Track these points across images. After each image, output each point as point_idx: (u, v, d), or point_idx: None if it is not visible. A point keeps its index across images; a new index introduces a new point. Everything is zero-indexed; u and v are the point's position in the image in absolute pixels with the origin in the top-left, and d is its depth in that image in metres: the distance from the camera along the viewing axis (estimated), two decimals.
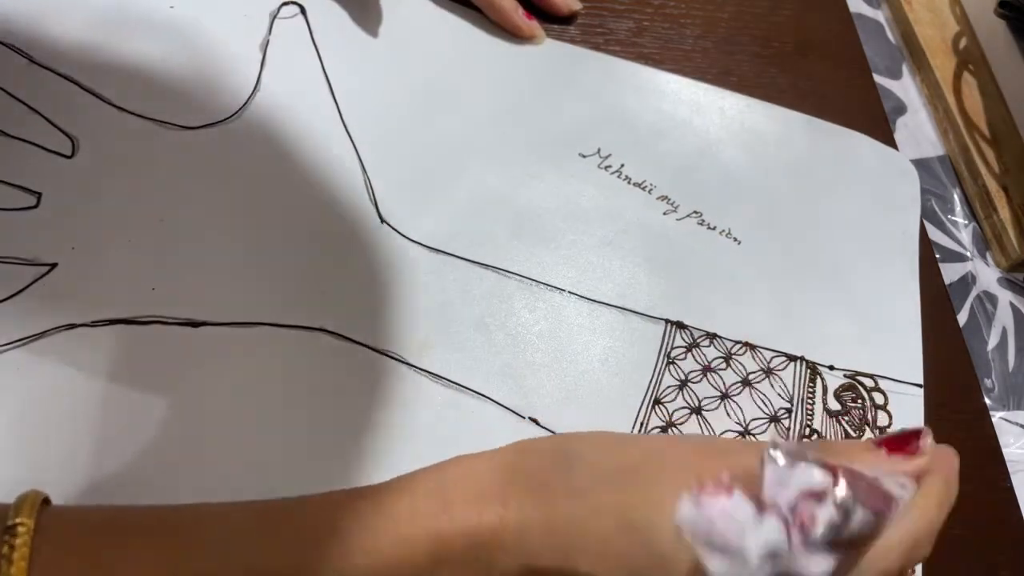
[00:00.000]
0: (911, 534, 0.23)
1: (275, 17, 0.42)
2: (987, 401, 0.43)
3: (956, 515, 0.38)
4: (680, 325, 0.38)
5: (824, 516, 0.20)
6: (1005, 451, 0.42)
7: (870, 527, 0.21)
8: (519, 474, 0.24)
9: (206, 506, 0.23)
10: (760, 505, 0.20)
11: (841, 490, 0.21)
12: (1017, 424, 0.44)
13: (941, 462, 0.25)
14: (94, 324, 0.32)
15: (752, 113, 0.47)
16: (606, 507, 0.22)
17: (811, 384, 0.38)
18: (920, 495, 0.23)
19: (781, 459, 0.21)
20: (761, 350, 0.39)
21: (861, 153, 0.47)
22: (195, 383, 0.32)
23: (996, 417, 0.43)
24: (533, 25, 0.45)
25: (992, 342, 0.47)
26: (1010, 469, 0.41)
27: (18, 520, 0.20)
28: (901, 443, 0.24)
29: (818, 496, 0.20)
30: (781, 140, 0.46)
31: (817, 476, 0.21)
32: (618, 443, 0.25)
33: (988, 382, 0.45)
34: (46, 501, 0.22)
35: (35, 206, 0.34)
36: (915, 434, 0.24)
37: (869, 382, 0.39)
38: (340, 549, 0.21)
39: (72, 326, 0.31)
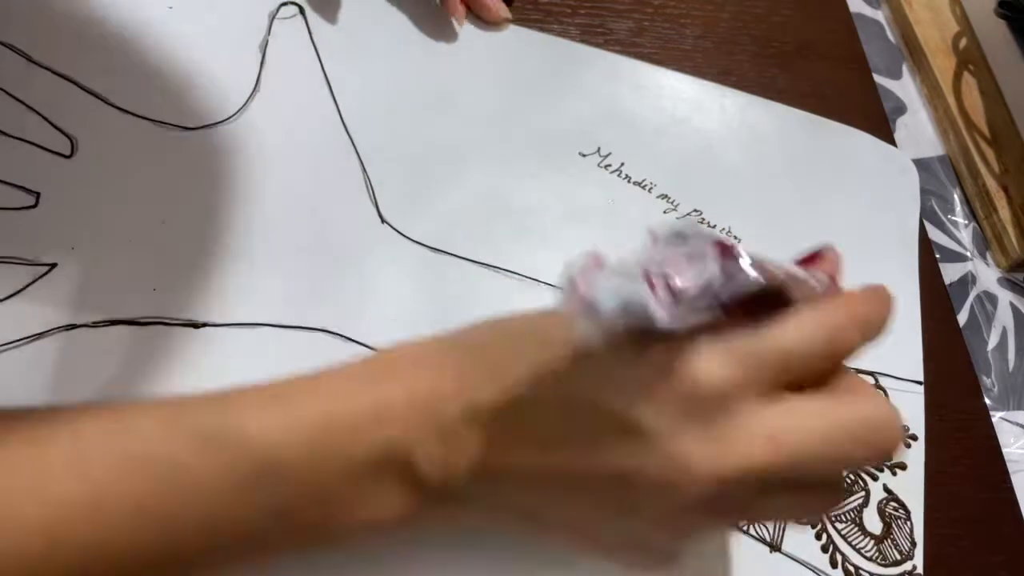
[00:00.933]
0: (827, 316, 0.22)
1: (274, 17, 0.42)
2: (987, 401, 0.43)
3: (956, 515, 0.39)
4: None
5: (700, 274, 0.19)
6: (1005, 451, 0.42)
7: (753, 287, 0.20)
8: (453, 343, 0.25)
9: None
10: (629, 276, 0.19)
11: (732, 255, 0.19)
12: (1017, 424, 0.44)
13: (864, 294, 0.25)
14: (94, 325, 0.31)
15: (752, 110, 0.47)
16: (538, 349, 0.23)
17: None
18: (846, 293, 0.23)
19: (668, 240, 0.21)
20: None
21: (861, 150, 0.47)
22: (196, 384, 0.31)
23: (996, 417, 0.43)
24: (461, 10, 0.43)
25: (992, 342, 0.47)
26: (1010, 469, 0.41)
27: None
28: (811, 258, 0.24)
29: (700, 261, 0.19)
30: (781, 137, 0.46)
31: (703, 246, 0.20)
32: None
33: (988, 382, 0.45)
34: None
35: (34, 206, 0.34)
36: (819, 254, 0.24)
37: (869, 380, 0.39)
38: (285, 409, 0.22)
39: (72, 326, 0.31)
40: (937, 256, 0.47)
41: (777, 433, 0.20)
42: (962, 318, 0.46)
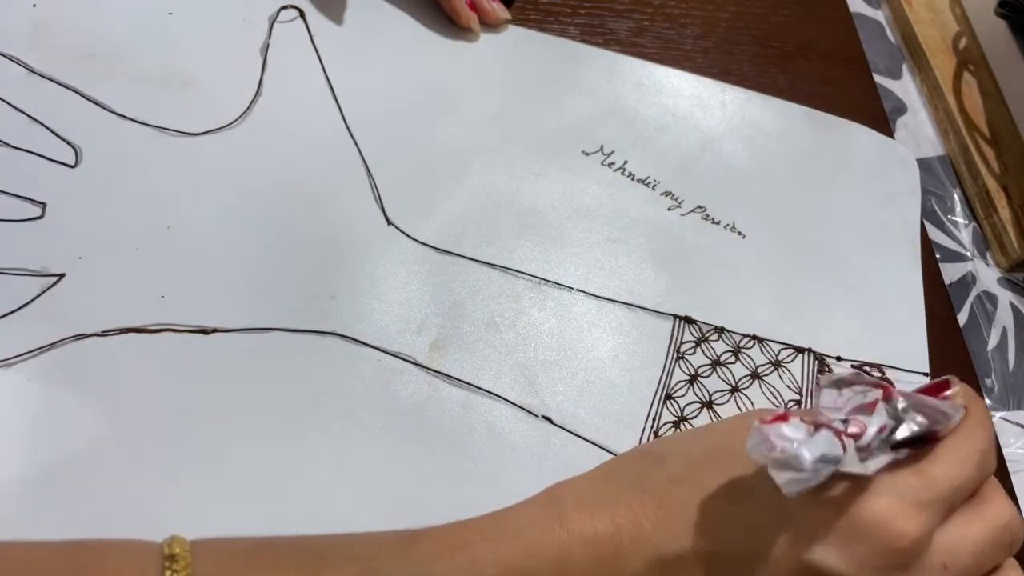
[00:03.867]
0: (973, 442, 0.23)
1: (274, 21, 0.42)
2: (987, 401, 0.44)
3: None
4: (688, 320, 0.38)
5: (875, 422, 0.21)
6: (1005, 451, 0.42)
7: (922, 429, 0.22)
8: (619, 481, 0.25)
9: (342, 535, 0.24)
10: (815, 425, 0.21)
11: (891, 398, 0.22)
12: (1017, 424, 0.44)
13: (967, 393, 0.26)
14: (104, 334, 0.31)
15: (753, 106, 0.47)
16: (708, 482, 0.24)
17: (819, 375, 0.39)
18: (968, 416, 0.24)
19: (832, 386, 0.23)
20: (769, 343, 0.39)
21: (861, 144, 0.48)
22: (207, 390, 0.31)
23: (996, 417, 0.44)
24: (472, 16, 0.44)
25: (992, 342, 0.47)
26: (1010, 469, 0.41)
27: (176, 549, 0.22)
28: (936, 388, 0.25)
29: (869, 409, 0.22)
30: (782, 133, 0.46)
31: (867, 394, 0.22)
32: (697, 433, 0.27)
33: (988, 382, 0.45)
34: None
35: (40, 216, 0.34)
36: (944, 384, 0.25)
37: (876, 372, 0.40)
38: (472, 560, 0.23)
39: (82, 336, 0.31)
40: (937, 256, 0.47)
41: (947, 561, 0.22)
42: (962, 318, 0.46)
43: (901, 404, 0.22)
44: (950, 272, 0.48)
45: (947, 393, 0.25)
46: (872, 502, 0.21)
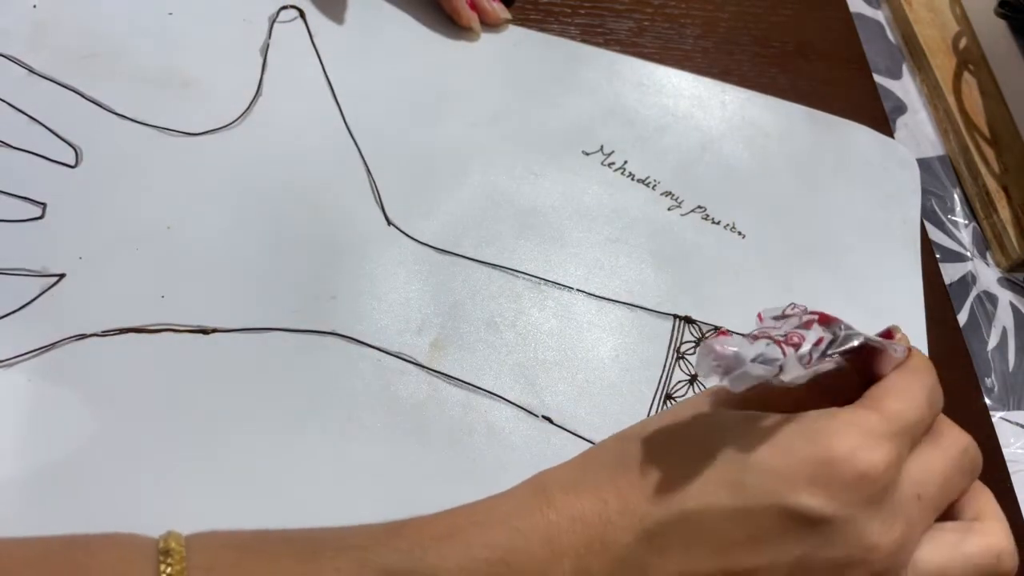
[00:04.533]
0: (921, 379, 0.25)
1: (274, 21, 0.42)
2: (987, 401, 0.44)
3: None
4: (688, 320, 0.38)
5: (814, 335, 0.22)
6: (1005, 451, 0.42)
7: (859, 344, 0.23)
8: (600, 463, 0.25)
9: (334, 527, 0.24)
10: (755, 338, 0.22)
11: (830, 322, 0.23)
12: (1017, 424, 0.44)
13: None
14: (104, 334, 0.31)
15: (753, 106, 0.47)
16: (684, 450, 0.24)
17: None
18: (910, 357, 0.26)
19: (771, 314, 0.24)
20: None
21: (860, 143, 0.48)
22: (207, 389, 0.31)
23: (996, 417, 0.44)
24: (472, 16, 0.44)
25: (992, 342, 0.47)
26: (1010, 469, 0.41)
27: (172, 544, 0.22)
28: (885, 333, 0.27)
29: (807, 326, 0.23)
30: (782, 132, 0.46)
31: (805, 317, 0.23)
32: (670, 411, 0.27)
33: (988, 382, 0.45)
34: None
35: (40, 217, 0.34)
36: (889, 332, 0.26)
37: None
38: (462, 545, 0.23)
39: (82, 336, 0.31)
40: (937, 256, 0.47)
41: (920, 491, 0.23)
42: (962, 318, 0.46)
43: (842, 327, 0.23)
44: (950, 272, 0.48)
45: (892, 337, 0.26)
46: (839, 439, 0.22)
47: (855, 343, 0.23)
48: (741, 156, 0.45)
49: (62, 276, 0.32)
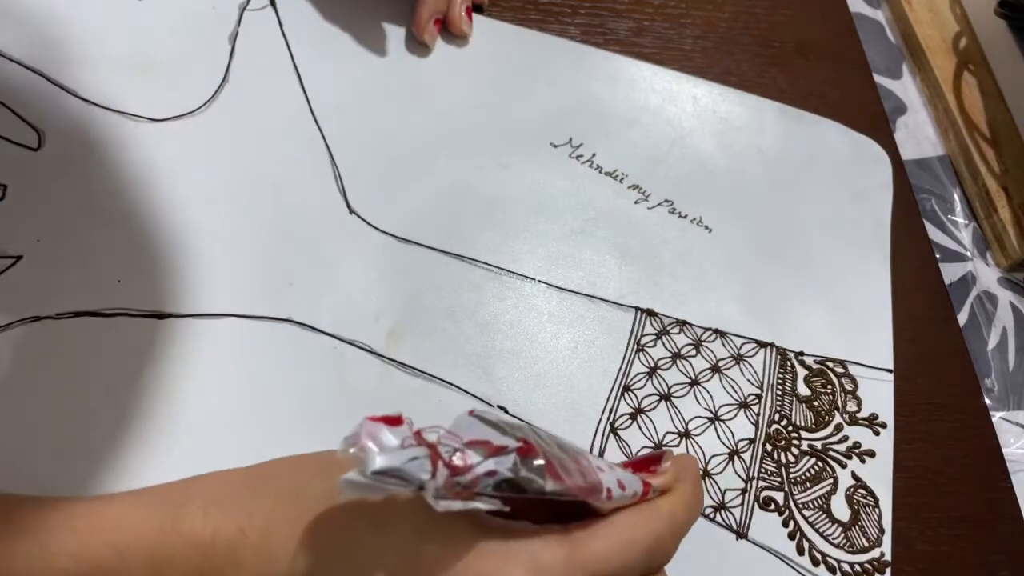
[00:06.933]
0: (651, 526, 0.22)
1: (244, 9, 0.42)
2: (987, 401, 0.44)
3: (956, 515, 0.39)
4: (650, 313, 0.38)
5: (489, 464, 0.18)
6: (1005, 451, 0.42)
7: (542, 492, 0.19)
8: (272, 488, 0.23)
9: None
10: (420, 443, 0.18)
11: (529, 454, 0.19)
12: (1017, 424, 0.44)
13: (685, 472, 0.24)
14: (59, 316, 0.32)
15: (724, 101, 0.47)
16: (369, 539, 0.21)
17: (781, 370, 0.39)
18: (663, 498, 0.23)
19: (477, 417, 0.20)
20: (731, 337, 0.39)
21: (833, 140, 0.48)
22: (161, 375, 0.31)
23: (996, 417, 0.44)
24: (432, 33, 0.42)
25: (992, 342, 0.47)
26: (1010, 469, 0.41)
27: None
28: (643, 463, 0.24)
29: (495, 451, 0.19)
30: (753, 128, 0.46)
31: (504, 438, 0.19)
32: None
33: (988, 382, 0.45)
34: None
35: (1, 198, 0.34)
36: (657, 458, 0.24)
37: (839, 368, 0.40)
38: (40, 547, 0.20)
39: (36, 318, 0.31)
40: (937, 256, 0.47)
41: None
42: (962, 318, 0.46)
43: (537, 462, 0.19)
44: (950, 272, 0.48)
45: (655, 468, 0.23)
46: (501, 565, 0.19)
47: (547, 488, 0.19)
48: (711, 151, 0.45)
49: (19, 258, 0.32)
